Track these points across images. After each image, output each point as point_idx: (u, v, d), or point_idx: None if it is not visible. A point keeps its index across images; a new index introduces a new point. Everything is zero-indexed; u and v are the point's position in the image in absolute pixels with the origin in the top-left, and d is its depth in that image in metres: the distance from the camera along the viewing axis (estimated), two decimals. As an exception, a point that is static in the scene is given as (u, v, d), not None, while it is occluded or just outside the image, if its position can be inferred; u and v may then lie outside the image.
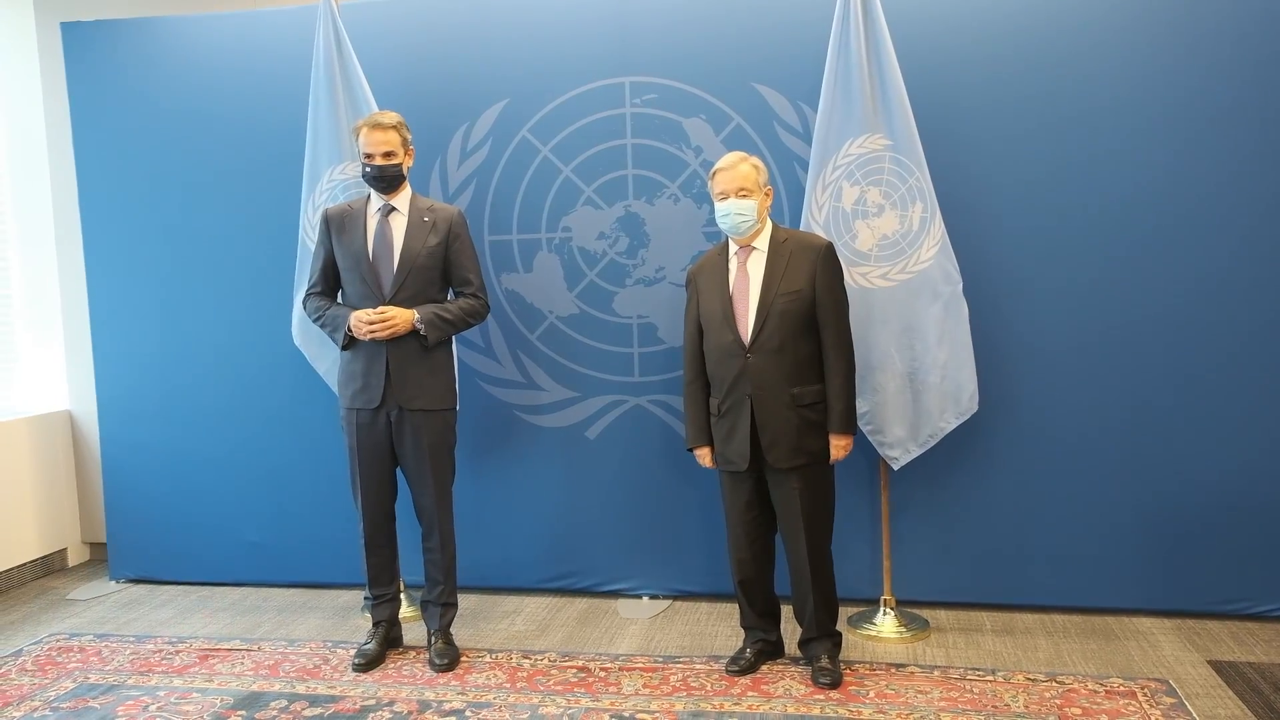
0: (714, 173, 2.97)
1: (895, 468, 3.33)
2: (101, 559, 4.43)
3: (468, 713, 2.80)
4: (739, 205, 2.91)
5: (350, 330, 3.09)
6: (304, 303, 3.31)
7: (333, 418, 3.73)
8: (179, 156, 3.92)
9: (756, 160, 2.98)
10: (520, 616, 3.60)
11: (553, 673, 3.07)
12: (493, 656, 3.21)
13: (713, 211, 3.57)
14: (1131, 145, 3.29)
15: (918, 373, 3.25)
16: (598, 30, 3.60)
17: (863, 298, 3.21)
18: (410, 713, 2.81)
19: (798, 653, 3.09)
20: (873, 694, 2.84)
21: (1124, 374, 3.35)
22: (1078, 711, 2.70)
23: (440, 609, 3.23)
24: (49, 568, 4.37)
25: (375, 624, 3.26)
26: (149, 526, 4.08)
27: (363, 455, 3.16)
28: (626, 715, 2.76)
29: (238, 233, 3.90)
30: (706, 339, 3.02)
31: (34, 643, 3.48)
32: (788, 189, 3.51)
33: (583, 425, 3.73)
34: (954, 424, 3.27)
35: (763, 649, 3.08)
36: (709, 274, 3.04)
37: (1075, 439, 3.39)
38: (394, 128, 3.10)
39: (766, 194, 2.97)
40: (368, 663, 3.13)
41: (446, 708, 2.84)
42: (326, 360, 3.67)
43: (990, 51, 3.35)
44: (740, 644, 3.11)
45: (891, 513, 3.44)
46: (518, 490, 3.80)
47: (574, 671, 3.07)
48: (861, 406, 3.24)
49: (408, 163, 3.18)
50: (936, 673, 2.98)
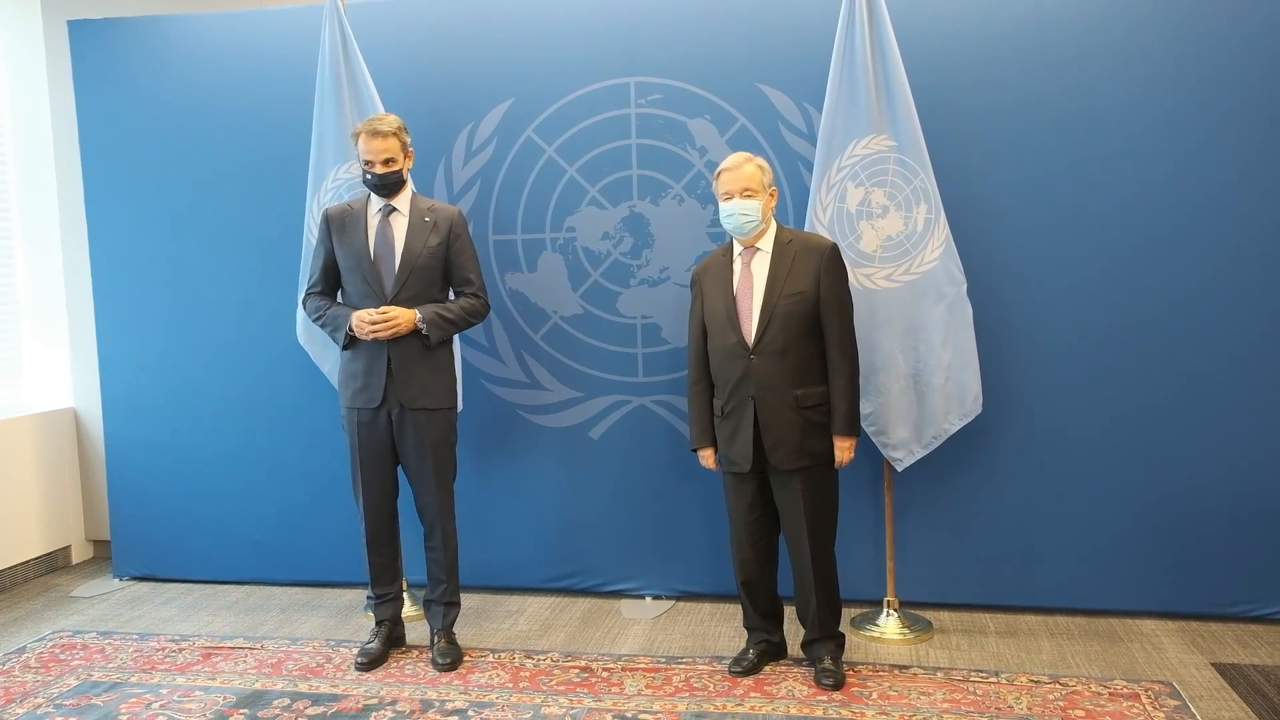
0: (719, 173, 2.97)
1: (899, 469, 3.33)
2: (105, 556, 4.43)
3: (470, 712, 2.80)
4: (743, 206, 2.91)
5: (351, 330, 3.08)
6: (304, 302, 3.31)
7: (337, 416, 3.73)
8: (184, 155, 3.93)
9: (762, 161, 2.97)
10: (523, 616, 3.60)
11: (555, 673, 3.07)
12: (495, 656, 3.21)
13: (717, 212, 3.57)
14: (1136, 146, 3.29)
15: (922, 374, 3.24)
16: (603, 30, 3.60)
17: (867, 299, 3.21)
18: (413, 712, 2.81)
19: (800, 654, 3.08)
20: (875, 695, 2.84)
21: (1128, 376, 3.34)
22: (1081, 714, 2.69)
23: (443, 608, 3.23)
24: (53, 565, 4.38)
25: (378, 623, 3.26)
26: (153, 524, 4.09)
27: (364, 454, 3.17)
28: (629, 716, 2.76)
29: (243, 231, 3.90)
30: (710, 340, 3.01)
31: (37, 640, 3.48)
32: (792, 190, 3.51)
33: (586, 425, 3.73)
34: (958, 425, 3.27)
35: (765, 650, 3.08)
36: (713, 275, 3.03)
37: (1079, 440, 3.38)
38: (393, 134, 3.09)
39: (771, 195, 2.97)
40: (370, 662, 3.13)
41: (449, 707, 2.84)
42: (330, 359, 3.67)
43: (995, 53, 3.35)
44: (743, 645, 3.11)
45: (895, 514, 3.43)
46: (521, 490, 3.80)
47: (577, 671, 3.07)
48: (865, 408, 3.23)
49: (407, 165, 3.18)
50: (939, 674, 2.98)
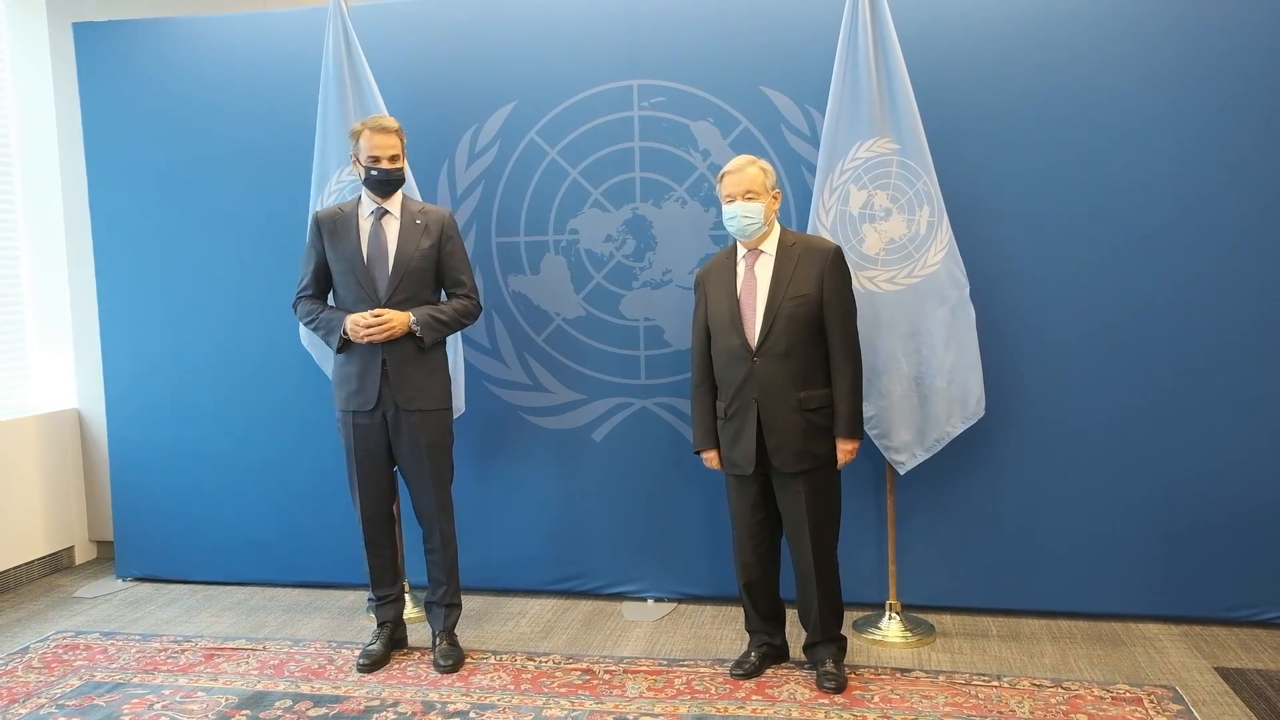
0: (721, 175, 2.97)
1: (901, 472, 3.32)
2: (108, 557, 4.44)
3: (472, 714, 2.80)
4: (745, 208, 2.91)
5: (345, 333, 3.08)
6: (295, 305, 3.27)
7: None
8: (188, 157, 3.94)
9: (765, 164, 2.97)
10: (525, 618, 3.60)
11: (557, 675, 3.06)
12: (497, 658, 3.21)
13: (720, 214, 3.58)
14: (1140, 148, 3.28)
15: (924, 377, 3.24)
16: (606, 33, 3.61)
17: (870, 302, 3.21)
18: (414, 714, 2.81)
19: (802, 657, 3.08)
20: (877, 699, 2.84)
21: (1132, 379, 3.33)
22: (1084, 718, 2.69)
23: (444, 610, 3.23)
24: (56, 565, 4.39)
25: (380, 625, 3.26)
26: (156, 525, 4.10)
27: (360, 457, 3.17)
28: (630, 718, 2.76)
29: (247, 233, 3.91)
30: (714, 342, 3.01)
31: (40, 640, 3.49)
32: (795, 193, 3.51)
33: (589, 427, 3.73)
34: (961, 428, 3.26)
35: (767, 652, 3.08)
36: (717, 277, 3.03)
37: (1082, 444, 3.37)
38: (396, 131, 3.12)
39: (774, 197, 2.97)
40: (372, 663, 3.14)
41: (451, 709, 2.84)
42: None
43: (998, 56, 3.35)
44: (745, 647, 3.11)
45: (897, 517, 3.43)
46: (523, 492, 3.80)
47: (578, 674, 3.07)
48: (868, 410, 3.23)
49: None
50: (942, 678, 2.97)
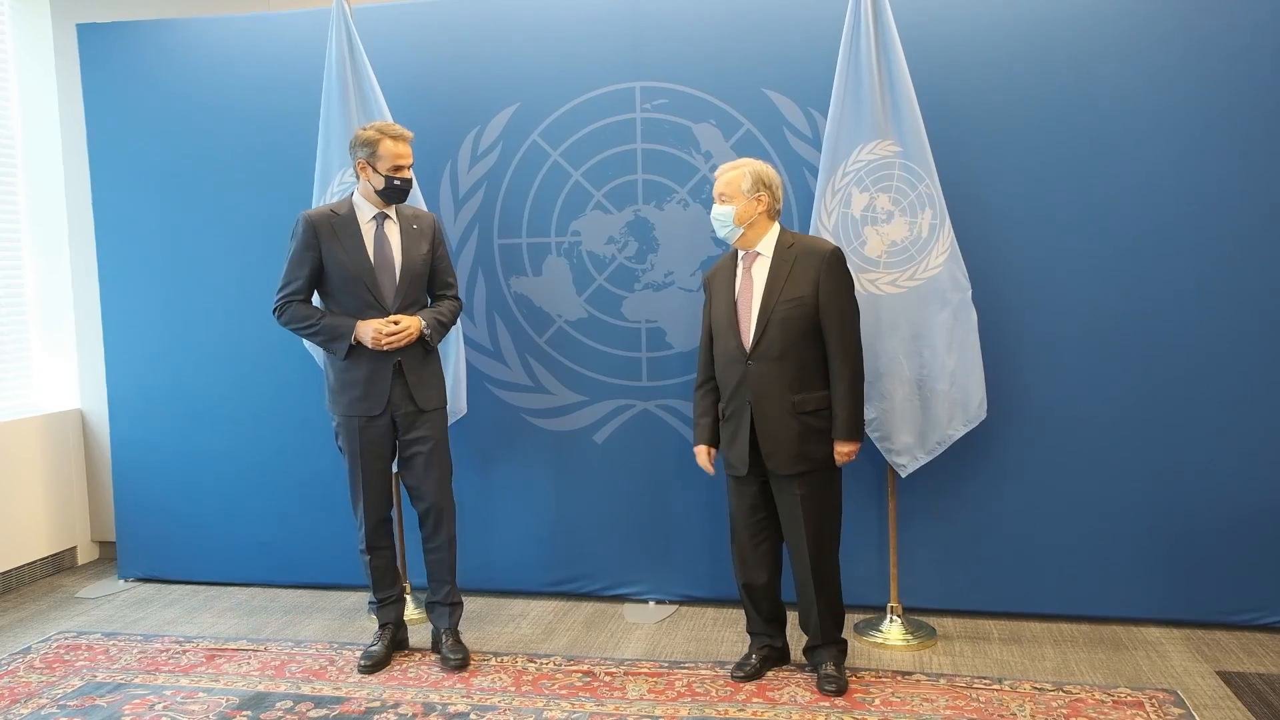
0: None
1: (903, 475, 3.32)
2: (111, 558, 4.45)
3: (472, 715, 2.81)
4: (717, 211, 2.95)
5: (354, 341, 3.07)
6: (279, 309, 3.13)
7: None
8: (192, 158, 3.95)
9: (754, 167, 2.94)
10: (526, 620, 3.60)
11: (558, 676, 3.06)
12: (498, 659, 3.21)
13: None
14: (1143, 151, 3.28)
15: (926, 380, 3.24)
16: (609, 35, 3.61)
17: (871, 304, 3.21)
18: (415, 715, 2.82)
19: (803, 659, 3.08)
20: (878, 702, 2.83)
21: (1134, 382, 3.33)
22: (1085, 721, 2.69)
23: (449, 609, 3.24)
24: (58, 566, 4.39)
25: (381, 626, 3.27)
26: (158, 526, 4.10)
27: (366, 461, 3.16)
28: (631, 720, 2.76)
29: (249, 234, 3.92)
30: (715, 344, 3.03)
31: (42, 640, 3.49)
32: (797, 195, 3.51)
33: (591, 429, 3.73)
34: (962, 431, 3.26)
35: (768, 655, 3.07)
36: (720, 279, 3.05)
37: (1084, 447, 3.37)
38: (411, 140, 3.15)
39: (756, 200, 2.93)
40: (374, 665, 3.14)
41: (451, 710, 2.84)
42: (323, 367, 3.68)
43: (1000, 58, 3.34)
44: (746, 650, 3.11)
45: (899, 520, 3.43)
46: (525, 494, 3.80)
47: (579, 675, 3.07)
48: (869, 413, 3.23)
49: None
50: (943, 681, 2.97)
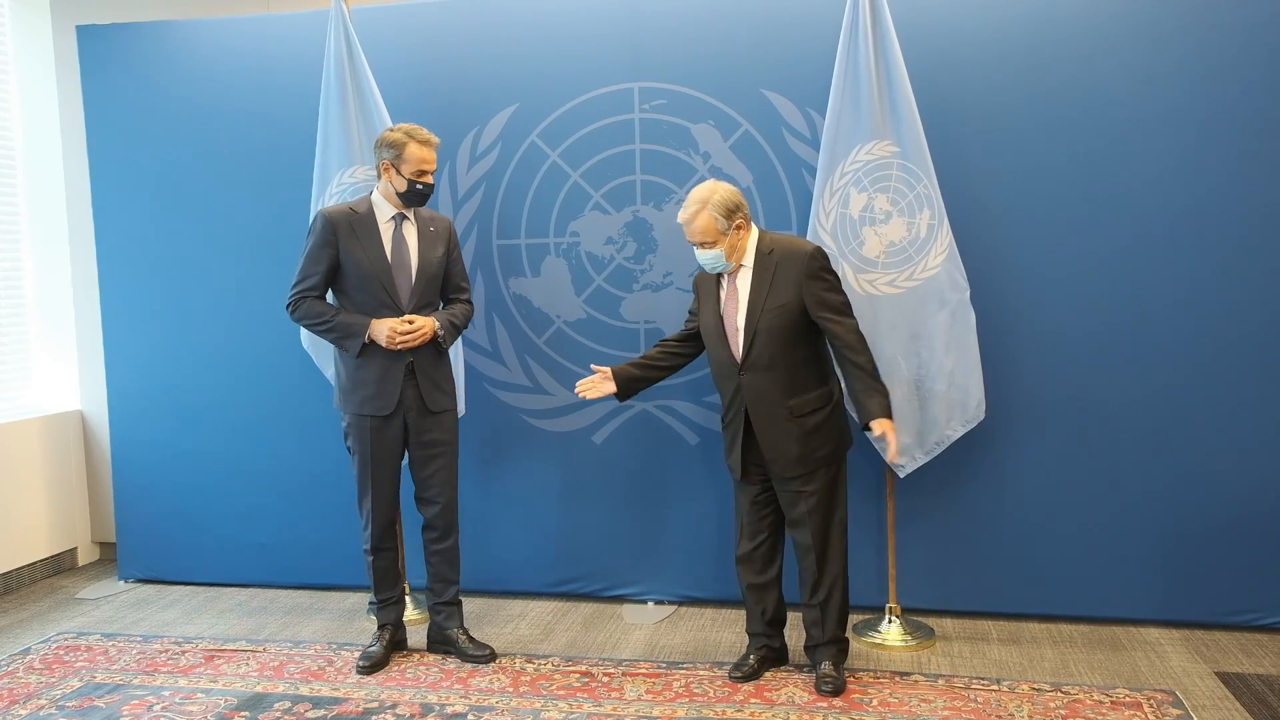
0: (679, 219, 2.93)
1: (901, 475, 3.32)
2: (111, 559, 4.45)
3: (470, 716, 2.81)
4: (704, 255, 2.93)
5: (368, 339, 3.06)
6: (294, 304, 3.14)
7: (340, 420, 3.74)
8: (191, 159, 3.95)
9: (718, 199, 2.84)
10: (525, 620, 3.60)
11: (556, 677, 3.07)
12: (496, 660, 3.21)
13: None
14: (1142, 151, 3.27)
15: (925, 380, 3.24)
16: (607, 36, 3.61)
17: (870, 305, 3.20)
18: (413, 715, 2.82)
19: (802, 659, 3.08)
20: (876, 702, 2.83)
21: (1132, 383, 3.32)
22: (1083, 722, 2.69)
23: (456, 607, 3.27)
24: (59, 567, 4.40)
25: (380, 627, 3.27)
26: (158, 527, 4.11)
27: (376, 461, 3.16)
28: (629, 721, 2.76)
29: (249, 236, 3.92)
30: (707, 351, 3.05)
31: (42, 641, 3.50)
32: (795, 195, 3.51)
33: (589, 430, 3.74)
34: (961, 432, 3.26)
35: (766, 655, 3.07)
36: (706, 287, 3.05)
37: (1083, 448, 3.37)
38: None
39: (736, 228, 2.87)
40: (372, 665, 3.14)
41: (449, 711, 2.84)
42: (334, 365, 3.68)
43: (998, 58, 3.34)
44: (744, 650, 3.11)
45: (897, 520, 3.42)
46: (524, 494, 3.80)
47: (577, 676, 3.07)
48: (868, 413, 3.24)
49: None
50: (941, 681, 2.97)
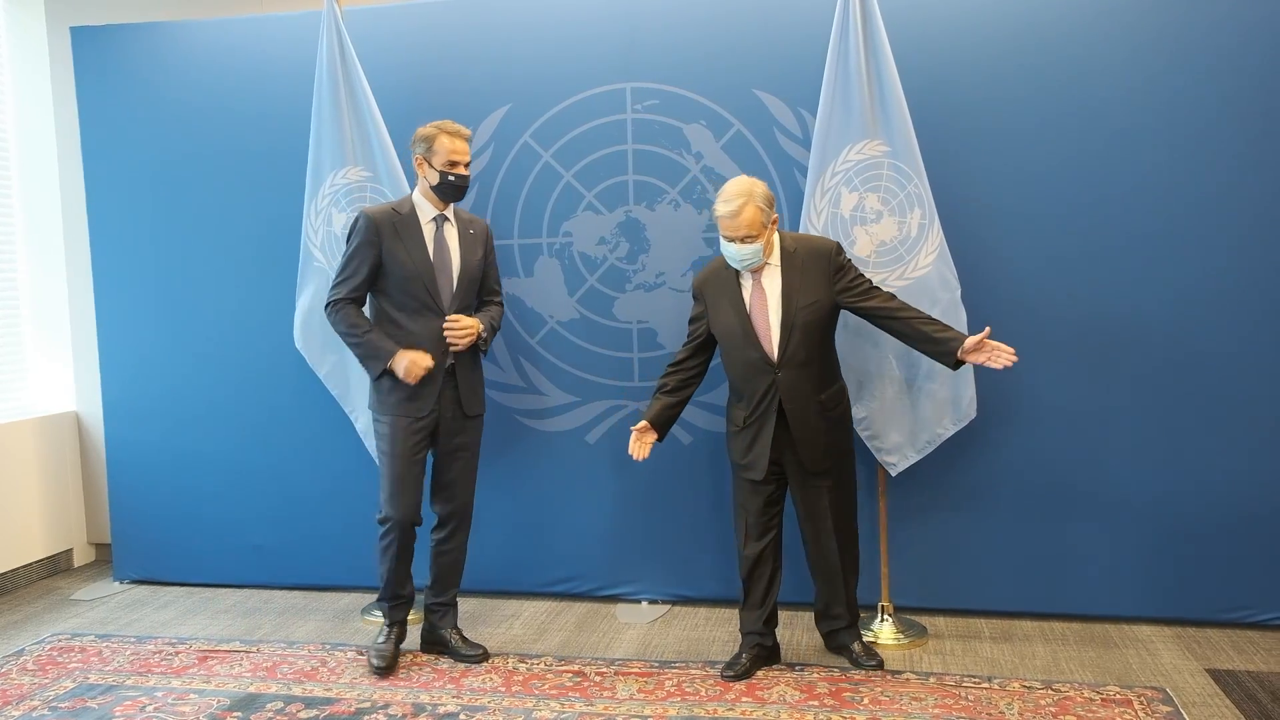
0: (717, 215, 2.93)
1: (893, 474, 3.33)
2: (107, 560, 4.46)
3: (462, 716, 2.81)
4: (743, 250, 2.92)
5: (390, 368, 3.04)
6: (333, 306, 3.13)
7: (335, 419, 3.76)
8: (185, 160, 3.96)
9: (759, 194, 2.90)
10: (519, 620, 3.60)
11: (548, 676, 3.07)
12: (489, 660, 3.21)
13: (713, 217, 3.59)
14: (1131, 148, 3.28)
15: (916, 379, 3.24)
16: (599, 36, 3.62)
17: (861, 303, 3.21)
18: (405, 715, 2.82)
19: (793, 658, 3.09)
20: (867, 700, 2.84)
21: (1124, 381, 3.33)
22: (1072, 719, 2.69)
23: (452, 608, 3.29)
24: (55, 568, 4.41)
25: (391, 625, 3.23)
26: (153, 528, 4.11)
27: (406, 462, 3.11)
28: None
29: (243, 236, 3.93)
30: (727, 353, 3.04)
31: (36, 642, 3.50)
32: (787, 195, 3.51)
33: (583, 430, 3.74)
34: (952, 430, 3.27)
35: (759, 654, 3.08)
36: (719, 289, 3.03)
37: (1074, 446, 3.37)
38: (469, 137, 3.16)
39: (771, 224, 2.95)
40: (388, 665, 3.11)
41: (441, 711, 2.85)
42: (327, 364, 3.69)
43: (988, 58, 3.35)
44: (737, 649, 3.12)
45: (889, 519, 3.43)
46: (518, 494, 3.80)
47: (570, 675, 3.07)
48: (859, 413, 3.25)
49: None
50: (932, 680, 2.97)
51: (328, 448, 3.88)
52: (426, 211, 3.14)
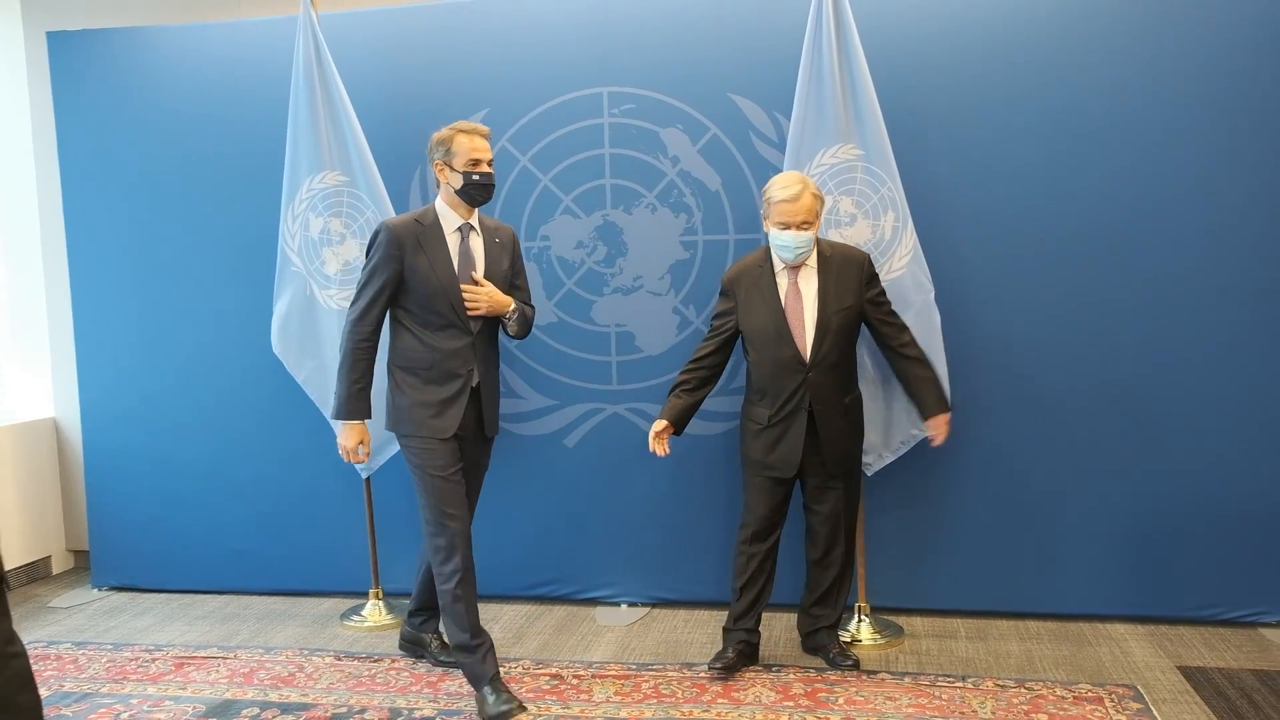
0: (774, 201, 2.93)
1: (869, 474, 3.35)
2: (85, 567, 4.44)
3: (438, 719, 2.82)
4: (800, 238, 2.94)
5: (335, 420, 3.01)
6: (352, 342, 2.89)
7: (314, 424, 3.75)
8: (162, 165, 3.95)
9: (813, 183, 3.00)
10: (498, 624, 3.60)
11: (525, 680, 3.08)
12: (468, 663, 3.22)
13: (690, 219, 3.61)
14: (1103, 149, 3.30)
15: (891, 380, 3.26)
16: (576, 41, 3.63)
17: (835, 306, 3.23)
18: None
19: (770, 659, 3.11)
20: (842, 700, 2.85)
21: (1097, 383, 3.36)
22: (1044, 717, 2.71)
23: (437, 614, 3.25)
24: (33, 575, 4.38)
25: (493, 680, 2.84)
26: (131, 534, 4.10)
27: (445, 475, 2.88)
28: (596, 722, 2.77)
29: (220, 241, 3.92)
30: (755, 351, 3.03)
31: (13, 650, 3.49)
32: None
33: (561, 433, 3.75)
34: (927, 431, 3.28)
35: (744, 650, 3.09)
36: (752, 286, 3.04)
37: (1049, 447, 3.40)
38: (489, 135, 2.99)
39: (821, 216, 3.03)
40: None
41: (417, 715, 2.85)
42: (305, 369, 3.69)
43: (960, 62, 3.37)
44: (721, 645, 3.12)
45: (866, 519, 3.44)
46: (497, 498, 3.79)
47: (547, 679, 3.08)
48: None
49: None
50: (907, 679, 2.99)
51: (306, 452, 3.87)
52: (451, 221, 2.94)
